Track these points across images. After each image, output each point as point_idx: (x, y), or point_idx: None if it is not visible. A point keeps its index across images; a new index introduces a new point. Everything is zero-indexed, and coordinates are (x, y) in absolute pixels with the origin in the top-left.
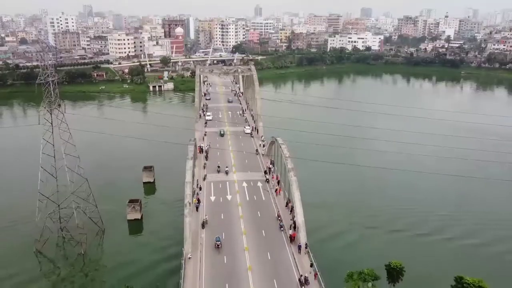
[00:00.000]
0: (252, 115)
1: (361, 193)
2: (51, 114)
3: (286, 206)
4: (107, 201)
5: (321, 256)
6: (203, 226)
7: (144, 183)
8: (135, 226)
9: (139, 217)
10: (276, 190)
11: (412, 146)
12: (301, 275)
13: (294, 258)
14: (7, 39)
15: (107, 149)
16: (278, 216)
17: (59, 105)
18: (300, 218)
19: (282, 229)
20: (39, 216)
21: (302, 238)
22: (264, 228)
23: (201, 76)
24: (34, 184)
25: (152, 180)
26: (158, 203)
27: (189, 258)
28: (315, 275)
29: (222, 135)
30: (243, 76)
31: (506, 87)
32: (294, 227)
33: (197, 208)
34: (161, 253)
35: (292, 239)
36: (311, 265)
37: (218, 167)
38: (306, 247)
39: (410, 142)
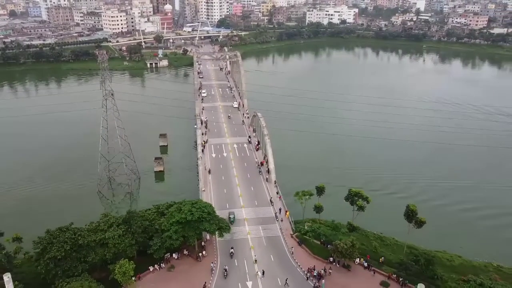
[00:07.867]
0: (238, 91)
1: (327, 158)
2: (106, 101)
3: (264, 159)
4: (137, 158)
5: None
6: (209, 172)
7: (160, 146)
8: (161, 175)
9: (162, 169)
10: (257, 148)
11: (370, 118)
12: (271, 197)
13: (267, 189)
14: None
15: (129, 120)
16: (258, 165)
17: (112, 94)
18: (271, 165)
19: (260, 172)
20: (99, 167)
21: (273, 177)
22: (249, 172)
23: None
24: (94, 145)
25: (166, 144)
26: (173, 160)
27: (203, 191)
28: (279, 197)
29: (232, 221)
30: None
31: (461, 59)
32: (268, 171)
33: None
34: (180, 190)
35: (262, 164)
36: (277, 193)
37: None
38: (275, 183)
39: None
